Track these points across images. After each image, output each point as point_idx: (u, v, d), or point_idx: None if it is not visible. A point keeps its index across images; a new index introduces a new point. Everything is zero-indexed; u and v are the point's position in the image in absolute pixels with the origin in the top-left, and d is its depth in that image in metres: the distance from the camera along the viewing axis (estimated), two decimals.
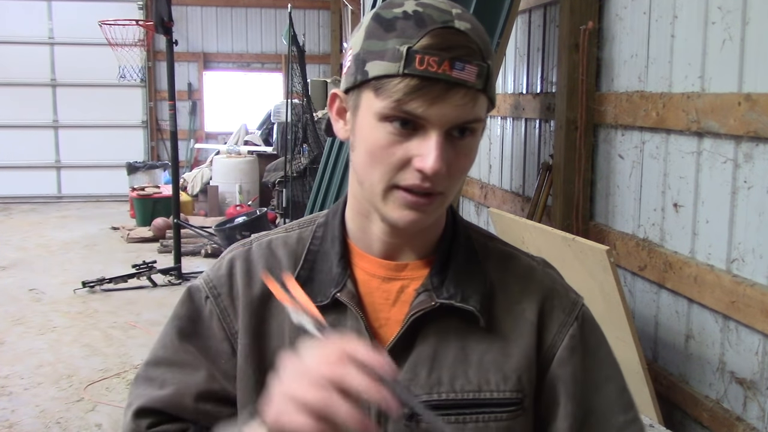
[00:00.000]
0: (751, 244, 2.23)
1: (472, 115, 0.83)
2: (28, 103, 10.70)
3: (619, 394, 0.97)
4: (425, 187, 0.84)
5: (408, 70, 0.80)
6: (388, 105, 0.82)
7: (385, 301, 0.93)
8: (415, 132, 0.83)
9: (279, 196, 7.75)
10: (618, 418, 0.95)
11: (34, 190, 10.86)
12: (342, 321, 0.91)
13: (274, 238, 1.01)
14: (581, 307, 0.98)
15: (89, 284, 5.96)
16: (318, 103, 8.52)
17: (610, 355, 0.99)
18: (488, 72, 0.83)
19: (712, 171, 2.41)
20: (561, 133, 3.32)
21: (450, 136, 0.84)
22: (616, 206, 3.08)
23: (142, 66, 10.44)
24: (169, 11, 5.87)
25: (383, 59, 0.82)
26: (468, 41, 0.82)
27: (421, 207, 0.85)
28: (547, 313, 0.95)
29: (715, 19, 2.37)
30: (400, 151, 0.83)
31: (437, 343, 0.91)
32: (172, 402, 0.98)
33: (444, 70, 0.80)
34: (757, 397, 2.23)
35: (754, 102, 2.14)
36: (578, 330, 0.95)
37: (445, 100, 0.81)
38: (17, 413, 3.77)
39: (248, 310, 0.96)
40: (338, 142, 3.63)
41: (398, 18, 0.83)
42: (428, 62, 0.79)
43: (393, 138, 0.83)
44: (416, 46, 0.80)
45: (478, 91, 0.82)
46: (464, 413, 0.89)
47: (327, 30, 11.68)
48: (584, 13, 3.17)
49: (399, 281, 0.94)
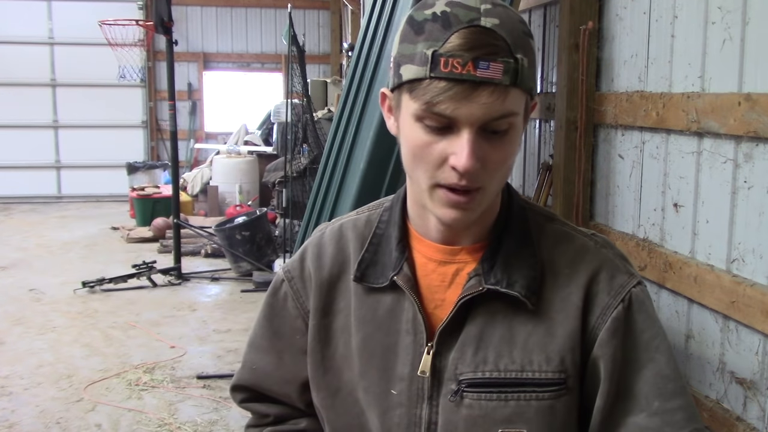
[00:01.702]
0: (751, 244, 2.23)
1: (502, 111, 0.85)
2: (28, 103, 10.70)
3: (661, 380, 0.94)
4: (462, 185, 0.88)
5: (434, 73, 0.83)
6: (420, 107, 0.86)
7: (441, 283, 0.98)
8: (450, 131, 0.87)
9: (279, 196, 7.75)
10: (653, 403, 0.93)
11: (34, 190, 10.86)
12: (401, 302, 0.97)
13: (345, 221, 1.08)
14: (630, 290, 0.98)
15: (89, 284, 5.96)
16: (318, 103, 8.52)
17: (657, 339, 0.97)
18: (517, 66, 0.85)
19: (712, 171, 2.41)
20: (561, 133, 3.32)
21: (485, 132, 0.87)
22: (616, 206, 3.08)
23: (142, 66, 10.45)
24: (169, 11, 5.87)
25: (413, 63, 0.86)
26: (493, 38, 0.84)
27: (462, 205, 0.90)
28: (592, 297, 0.96)
29: (715, 19, 2.37)
30: (437, 150, 0.88)
31: (485, 324, 0.95)
32: (256, 382, 1.14)
33: (468, 71, 0.82)
34: (757, 397, 2.23)
35: (754, 102, 2.14)
36: (623, 312, 0.96)
37: (471, 100, 0.83)
38: (17, 413, 3.77)
39: (318, 291, 1.03)
40: (338, 141, 3.63)
41: (427, 20, 0.86)
42: (452, 64, 0.82)
43: (429, 138, 0.88)
44: (441, 49, 0.83)
45: (507, 86, 0.84)
46: (506, 391, 0.93)
47: (327, 30, 11.69)
48: (584, 13, 3.17)
49: (454, 265, 0.98)
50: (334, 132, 3.71)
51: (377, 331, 0.98)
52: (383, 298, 0.99)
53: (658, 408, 0.92)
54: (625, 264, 1.01)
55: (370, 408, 0.98)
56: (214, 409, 3.81)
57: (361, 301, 1.00)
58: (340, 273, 1.03)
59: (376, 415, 0.97)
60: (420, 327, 0.96)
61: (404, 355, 0.97)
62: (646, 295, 0.99)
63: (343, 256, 1.03)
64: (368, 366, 0.98)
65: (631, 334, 0.96)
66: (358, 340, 0.99)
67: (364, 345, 0.99)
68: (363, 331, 0.99)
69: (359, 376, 0.99)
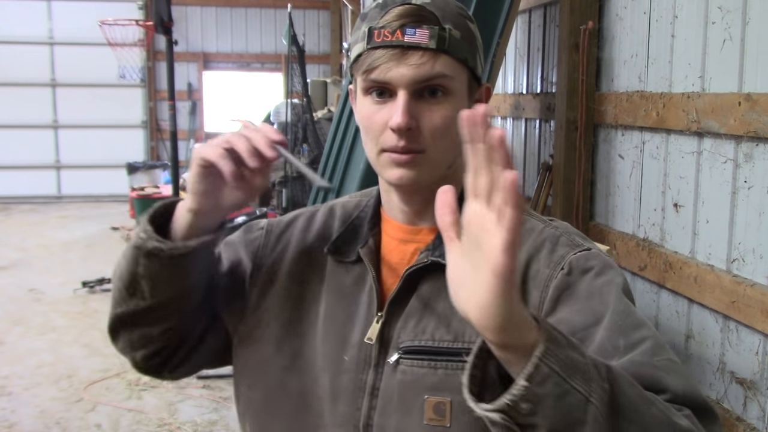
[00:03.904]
0: (751, 244, 2.23)
1: (431, 72, 0.93)
2: (28, 103, 10.70)
3: (618, 316, 0.90)
4: (401, 146, 0.95)
5: (370, 45, 0.94)
6: (362, 79, 0.96)
7: (400, 260, 1.04)
8: (390, 99, 0.96)
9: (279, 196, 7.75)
10: (618, 342, 0.88)
11: (34, 190, 10.86)
12: (365, 275, 1.03)
13: (338, 202, 1.15)
14: (569, 258, 0.96)
15: (89, 284, 5.97)
16: (318, 103, 8.52)
17: (608, 286, 0.93)
18: (444, 34, 0.93)
19: (712, 171, 2.41)
20: (561, 133, 3.32)
21: (421, 96, 0.94)
22: (616, 206, 3.08)
23: (142, 66, 10.44)
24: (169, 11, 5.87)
25: (357, 42, 0.97)
26: (420, 10, 0.94)
27: (404, 164, 0.96)
28: (534, 274, 0.97)
29: (715, 19, 2.37)
30: (380, 117, 0.96)
31: (430, 297, 0.99)
32: None
33: (397, 37, 0.93)
34: (757, 397, 2.23)
35: (754, 102, 2.14)
36: (563, 279, 0.94)
37: (401, 63, 0.93)
38: (17, 413, 3.77)
39: (297, 257, 1.09)
40: (338, 141, 3.63)
41: (371, 9, 0.98)
42: (384, 34, 0.94)
43: (374, 108, 0.97)
44: (376, 24, 0.95)
45: (435, 51, 0.93)
46: (436, 359, 0.96)
47: (327, 30, 11.69)
48: (584, 13, 3.17)
49: (414, 244, 1.04)
50: (334, 132, 3.71)
51: (341, 300, 1.04)
52: (350, 270, 1.05)
53: (624, 345, 0.88)
54: (571, 237, 1.00)
55: (323, 372, 1.02)
56: (214, 409, 3.81)
57: (332, 273, 1.06)
58: (319, 245, 1.08)
59: (328, 380, 1.01)
60: (373, 297, 1.01)
61: (359, 324, 1.02)
62: (592, 256, 0.97)
63: (328, 231, 1.10)
64: (329, 333, 1.03)
65: (578, 296, 0.93)
66: (324, 307, 1.05)
67: (329, 313, 1.04)
68: (329, 300, 1.05)
69: (321, 341, 1.03)
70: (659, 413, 0.76)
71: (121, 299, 1.01)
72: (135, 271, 0.97)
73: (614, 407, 0.72)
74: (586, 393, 0.70)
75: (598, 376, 0.72)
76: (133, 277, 0.98)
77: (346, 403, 1.00)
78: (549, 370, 0.68)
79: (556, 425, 0.69)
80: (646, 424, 0.74)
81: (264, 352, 1.06)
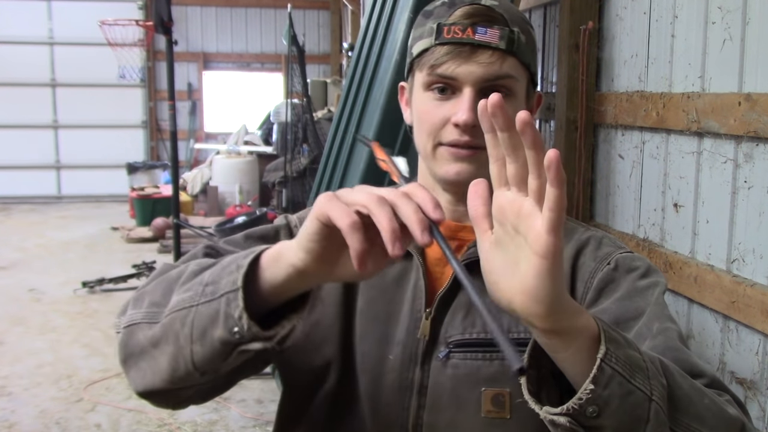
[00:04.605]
0: (751, 244, 2.23)
1: (500, 72, 0.94)
2: (28, 103, 10.70)
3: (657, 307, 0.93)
4: (464, 141, 0.95)
5: (439, 40, 0.95)
6: (426, 73, 0.96)
7: (443, 257, 1.02)
8: (453, 95, 0.96)
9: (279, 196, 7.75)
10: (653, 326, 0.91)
11: (33, 191, 10.86)
12: (408, 271, 1.02)
13: None
14: (616, 256, 0.99)
15: (89, 284, 5.97)
16: (318, 103, 8.52)
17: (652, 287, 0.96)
18: (513, 36, 0.94)
19: (712, 171, 2.42)
20: (561, 133, 3.32)
21: (485, 94, 0.89)
22: (616, 206, 3.08)
23: (142, 66, 10.43)
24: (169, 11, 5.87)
25: (422, 38, 0.98)
26: (490, 11, 0.95)
27: (465, 158, 0.96)
28: (579, 266, 0.99)
29: (716, 19, 2.37)
30: (441, 112, 0.96)
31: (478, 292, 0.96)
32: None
33: (468, 35, 0.93)
34: (757, 397, 2.23)
35: (754, 102, 2.14)
36: (609, 273, 0.97)
37: (471, 60, 0.93)
38: (17, 413, 3.77)
39: None
40: (338, 141, 3.63)
41: (436, 6, 0.99)
42: (454, 30, 0.94)
43: (435, 103, 0.97)
44: (445, 21, 0.95)
45: (504, 52, 0.94)
46: (491, 350, 0.96)
47: (327, 30, 11.68)
48: (584, 13, 3.17)
49: (457, 241, 1.03)
50: (334, 132, 3.71)
51: (382, 296, 1.01)
52: (391, 267, 1.02)
53: (658, 328, 0.91)
54: (613, 240, 1.04)
55: (363, 374, 0.99)
56: (214, 409, 3.81)
57: None
58: None
59: (368, 380, 0.99)
60: (421, 293, 0.99)
61: (403, 321, 0.99)
62: (637, 258, 1.00)
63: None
64: (368, 331, 1.00)
65: (621, 289, 0.96)
66: (362, 303, 1.01)
67: (367, 311, 1.01)
68: (368, 294, 1.02)
69: (359, 341, 1.00)
70: (711, 403, 0.78)
71: (184, 379, 0.83)
72: (218, 362, 0.79)
73: (673, 401, 0.73)
74: (648, 391, 0.70)
75: (656, 372, 0.73)
76: (213, 365, 0.80)
77: (391, 404, 0.97)
78: (612, 371, 0.68)
79: (621, 424, 0.69)
80: (701, 416, 0.76)
81: (321, 360, 1.02)
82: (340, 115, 3.68)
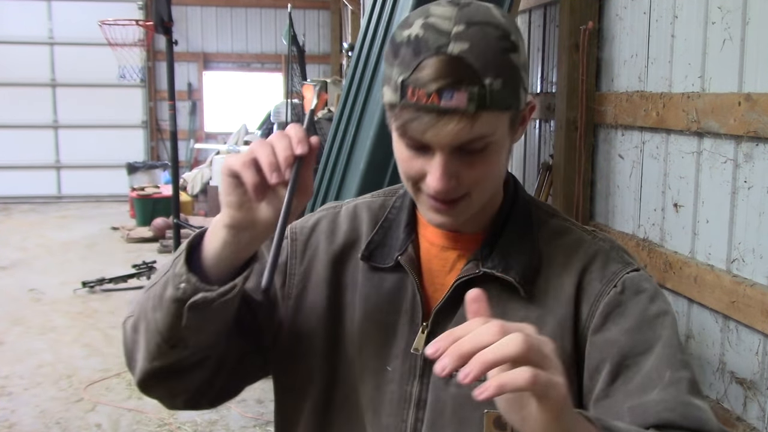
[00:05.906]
0: (751, 244, 2.23)
1: (471, 135, 0.86)
2: (28, 103, 10.70)
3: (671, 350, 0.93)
4: (441, 198, 0.91)
5: (403, 101, 0.86)
6: (396, 127, 0.91)
7: (442, 268, 1.01)
8: (427, 150, 0.89)
9: None
10: (664, 374, 0.91)
11: (33, 190, 10.86)
12: (404, 283, 1.00)
13: (360, 202, 1.11)
14: (623, 276, 0.98)
15: (89, 284, 5.96)
16: None
17: (662, 316, 0.96)
18: (484, 91, 0.84)
19: (712, 171, 2.42)
20: (561, 133, 3.32)
21: (460, 152, 0.88)
22: (616, 206, 3.08)
23: (142, 66, 10.44)
24: (169, 11, 5.87)
25: (389, 87, 0.89)
26: (458, 67, 0.84)
27: (445, 211, 0.93)
28: (585, 285, 0.97)
29: (715, 19, 2.37)
30: (416, 166, 0.91)
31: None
32: None
33: (432, 101, 0.84)
34: (757, 397, 2.23)
35: (754, 102, 2.14)
36: (616, 297, 0.96)
37: (437, 128, 0.85)
38: (17, 413, 3.77)
39: (329, 263, 1.05)
40: (338, 141, 3.63)
41: (403, 43, 0.88)
42: (418, 95, 0.84)
43: (410, 153, 0.91)
44: (409, 78, 0.85)
45: (474, 113, 0.85)
46: None
47: (327, 30, 11.68)
48: (584, 13, 3.17)
49: (456, 251, 1.01)
50: (334, 132, 3.70)
51: (378, 309, 1.01)
52: (387, 278, 1.01)
53: (670, 378, 0.91)
54: (621, 254, 1.01)
55: (363, 384, 1.00)
56: (214, 409, 3.81)
57: (367, 279, 1.02)
58: (350, 250, 1.05)
59: (369, 390, 0.99)
60: (417, 306, 0.99)
61: (401, 333, 0.99)
62: (644, 278, 0.99)
63: (356, 234, 1.06)
64: (368, 342, 1.00)
65: (629, 316, 0.95)
66: (359, 316, 1.02)
67: (365, 321, 1.01)
68: (365, 307, 1.01)
69: (358, 351, 1.01)
70: None
71: (159, 354, 0.92)
72: (176, 325, 0.88)
73: None
74: None
75: None
76: (174, 331, 0.89)
77: (389, 415, 0.98)
78: None
79: None
80: None
81: (306, 364, 1.03)
82: (340, 115, 3.68)
